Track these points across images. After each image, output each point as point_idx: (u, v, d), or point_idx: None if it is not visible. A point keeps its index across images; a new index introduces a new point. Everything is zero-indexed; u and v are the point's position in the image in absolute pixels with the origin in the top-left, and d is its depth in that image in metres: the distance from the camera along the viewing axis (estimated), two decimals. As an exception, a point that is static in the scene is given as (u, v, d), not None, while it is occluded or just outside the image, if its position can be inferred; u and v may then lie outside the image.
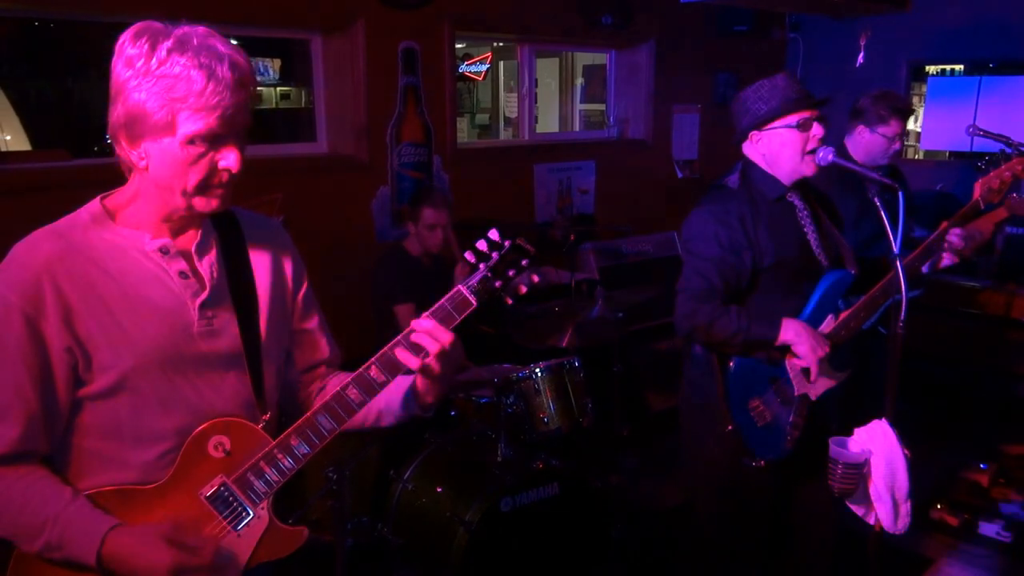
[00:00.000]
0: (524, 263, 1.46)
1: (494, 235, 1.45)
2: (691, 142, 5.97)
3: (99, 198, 1.40)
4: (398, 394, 1.57)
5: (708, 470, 2.52)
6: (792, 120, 2.30)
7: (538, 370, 3.21)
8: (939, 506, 3.70)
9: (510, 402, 3.09)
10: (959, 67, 5.98)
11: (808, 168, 2.33)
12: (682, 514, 3.70)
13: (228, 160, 1.32)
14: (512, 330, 3.62)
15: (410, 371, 1.47)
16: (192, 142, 1.28)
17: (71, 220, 1.37)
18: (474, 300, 1.45)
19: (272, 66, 5.16)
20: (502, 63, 7.18)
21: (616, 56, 5.71)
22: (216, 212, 1.39)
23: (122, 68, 1.27)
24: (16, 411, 1.30)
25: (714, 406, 2.33)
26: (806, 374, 2.36)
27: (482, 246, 1.45)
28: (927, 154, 6.39)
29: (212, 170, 1.32)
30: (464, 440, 3.19)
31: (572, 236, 4.03)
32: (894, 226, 2.03)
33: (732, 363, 2.32)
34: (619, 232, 5.12)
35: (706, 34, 5.78)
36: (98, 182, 1.48)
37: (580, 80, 6.83)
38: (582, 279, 4.44)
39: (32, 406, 1.31)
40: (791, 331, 2.28)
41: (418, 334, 1.43)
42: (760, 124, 2.34)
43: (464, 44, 6.47)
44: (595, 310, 3.54)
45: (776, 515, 2.60)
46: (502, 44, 6.29)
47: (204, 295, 1.41)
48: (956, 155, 6.08)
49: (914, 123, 6.12)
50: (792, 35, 6.27)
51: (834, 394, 2.46)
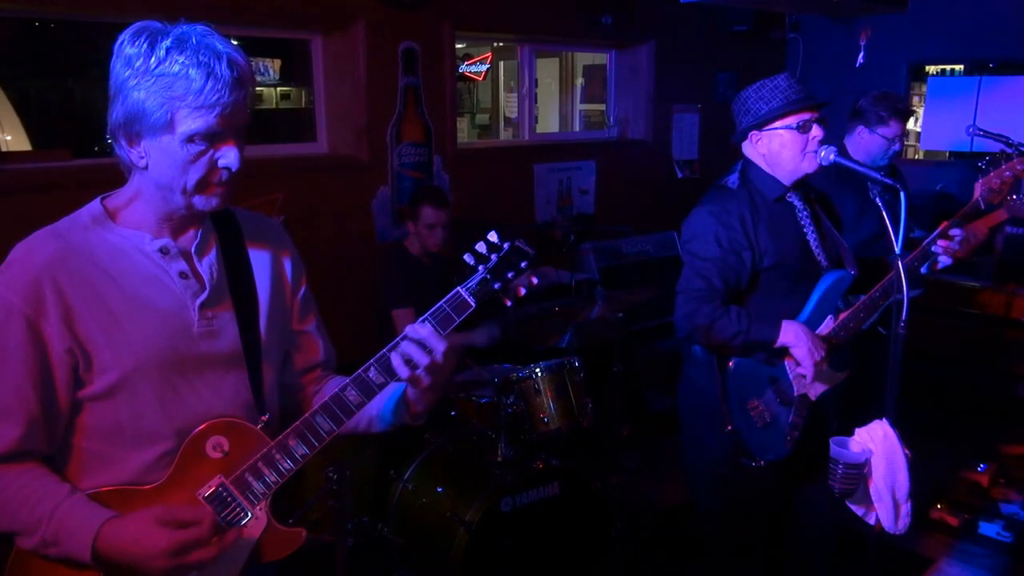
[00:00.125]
0: (523, 265, 1.46)
1: (493, 237, 1.45)
2: (691, 142, 5.97)
3: (99, 198, 1.40)
4: (390, 402, 1.56)
5: (708, 470, 2.52)
6: (792, 121, 2.29)
7: (538, 370, 3.21)
8: (939, 506, 3.69)
9: (510, 402, 3.09)
10: (959, 67, 5.97)
11: (810, 164, 2.32)
12: (682, 514, 3.70)
13: (228, 158, 1.32)
14: (512, 330, 3.63)
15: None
16: (191, 140, 1.29)
17: (71, 221, 1.38)
18: (472, 302, 1.44)
19: (272, 66, 5.15)
20: (502, 63, 7.17)
21: (616, 56, 5.71)
22: (216, 211, 1.39)
23: (121, 68, 1.28)
24: (17, 411, 1.30)
25: (714, 406, 2.33)
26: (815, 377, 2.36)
27: (481, 248, 1.45)
28: (927, 154, 6.39)
29: (212, 168, 1.32)
30: (464, 440, 3.19)
31: (572, 236, 4.04)
32: (895, 226, 2.03)
33: (731, 364, 2.32)
34: (619, 232, 5.12)
35: (706, 34, 5.78)
36: (99, 182, 1.48)
37: (580, 80, 6.83)
38: (582, 279, 4.44)
39: (33, 406, 1.31)
40: (790, 333, 2.29)
41: (409, 343, 1.41)
42: (760, 124, 2.34)
43: (464, 44, 6.46)
44: (595, 310, 3.54)
45: (776, 515, 2.60)
46: (502, 44, 6.28)
47: (204, 295, 1.41)
48: (956, 155, 6.08)
49: (914, 123, 6.12)
50: (792, 35, 6.26)
51: (834, 394, 2.47)
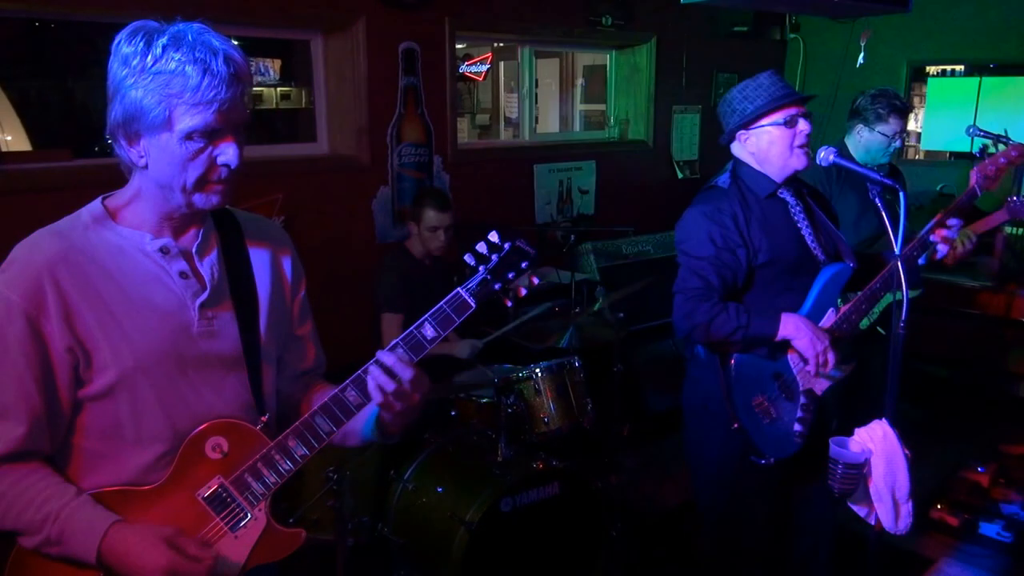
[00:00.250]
0: (523, 265, 1.46)
1: (494, 237, 1.45)
2: (691, 142, 5.97)
3: (100, 198, 1.40)
4: (370, 418, 1.54)
5: (712, 470, 2.51)
6: (779, 117, 2.31)
7: (538, 370, 3.21)
8: (939, 506, 3.69)
9: (510, 402, 3.08)
10: (959, 67, 5.97)
11: (799, 161, 2.34)
12: (682, 514, 3.70)
13: (227, 155, 1.32)
14: (512, 330, 3.62)
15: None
16: (190, 137, 1.29)
17: (72, 220, 1.38)
18: (473, 303, 1.44)
19: (272, 66, 5.14)
20: (502, 63, 7.17)
21: (616, 56, 5.71)
22: (216, 209, 1.39)
23: (118, 67, 1.28)
24: (21, 410, 1.30)
25: (718, 406, 2.33)
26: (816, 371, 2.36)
27: (482, 248, 1.44)
28: (927, 154, 6.39)
29: (211, 166, 1.32)
30: (464, 440, 3.19)
31: (572, 236, 4.03)
32: (895, 226, 2.03)
33: (733, 361, 2.31)
34: (619, 232, 5.12)
35: (706, 34, 5.78)
36: (99, 182, 1.49)
37: (580, 80, 6.83)
38: (582, 279, 4.44)
39: (36, 405, 1.31)
40: (790, 325, 2.28)
41: (376, 370, 1.40)
42: (747, 123, 2.35)
43: (464, 44, 6.46)
44: (595, 310, 3.54)
45: (777, 515, 2.60)
46: (502, 44, 6.28)
47: (204, 295, 1.41)
48: (956, 155, 6.08)
49: (915, 123, 6.12)
50: (792, 35, 6.26)
51: (835, 393, 2.46)
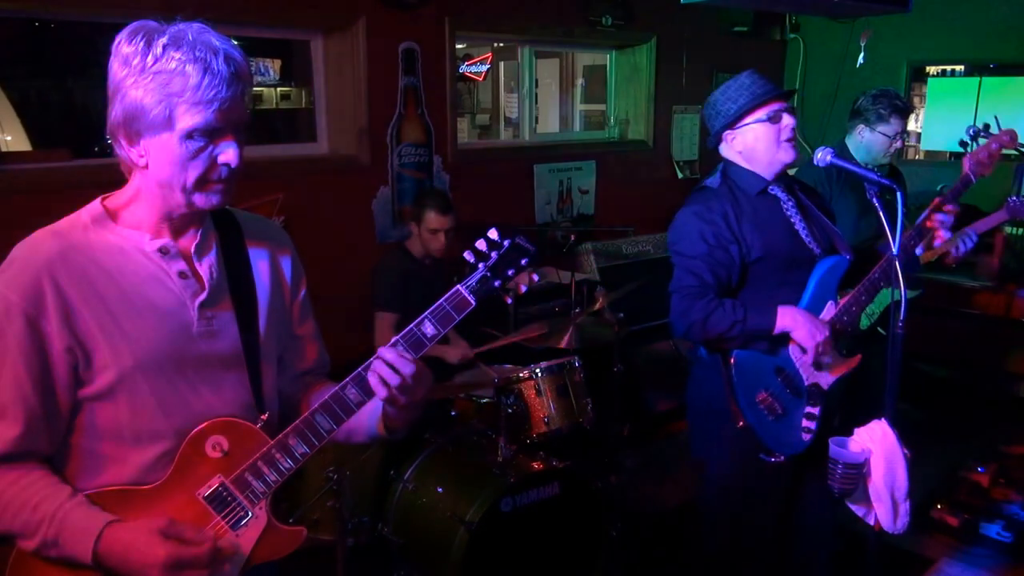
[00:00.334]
0: (524, 262, 1.45)
1: (493, 234, 1.45)
2: (691, 142, 5.97)
3: (100, 199, 1.40)
4: (374, 415, 1.54)
5: (720, 471, 2.50)
6: (762, 114, 2.34)
7: (538, 370, 3.21)
8: (939, 506, 3.69)
9: (510, 402, 3.09)
10: (959, 67, 5.97)
11: (787, 155, 2.36)
12: (682, 514, 3.70)
13: (227, 154, 1.32)
14: (512, 330, 3.63)
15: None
16: (191, 137, 1.29)
17: (71, 221, 1.38)
18: (473, 300, 1.44)
19: (272, 66, 5.15)
20: (502, 63, 7.17)
21: (616, 56, 5.71)
22: (216, 209, 1.39)
23: (118, 67, 1.28)
24: (17, 410, 1.30)
25: (722, 405, 2.33)
26: (815, 363, 2.36)
27: (481, 246, 1.44)
28: (927, 155, 6.39)
29: (211, 165, 1.33)
30: (464, 440, 3.19)
31: (572, 236, 4.04)
32: (893, 226, 2.03)
33: (733, 357, 2.31)
34: (619, 232, 5.12)
35: (706, 34, 5.78)
36: (99, 183, 1.49)
37: (580, 80, 6.83)
38: (582, 279, 4.44)
39: (33, 406, 1.31)
40: (787, 317, 2.28)
41: (379, 364, 1.40)
42: (732, 123, 2.38)
43: (464, 44, 6.46)
44: (595, 310, 3.54)
45: (781, 515, 2.59)
46: (502, 44, 6.28)
47: (203, 295, 1.41)
48: (956, 155, 6.08)
49: (915, 123, 6.11)
50: (792, 35, 6.26)
51: (840, 389, 2.45)
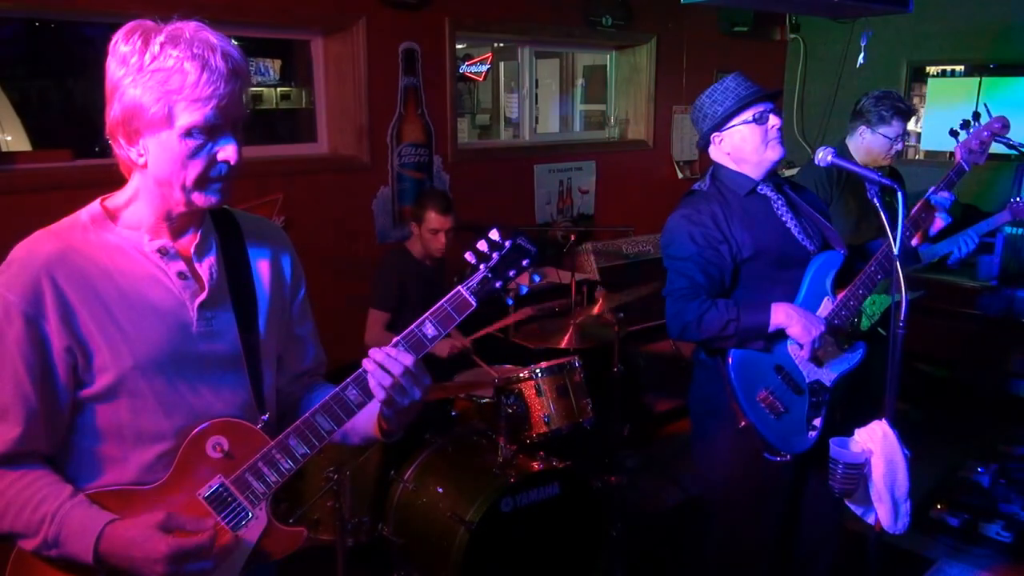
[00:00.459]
0: (525, 263, 1.45)
1: (495, 235, 1.44)
2: (691, 143, 5.97)
3: (99, 199, 1.40)
4: (370, 417, 1.54)
5: (724, 472, 2.50)
6: (748, 115, 2.36)
7: (538, 370, 3.21)
8: (939, 506, 3.69)
9: (510, 402, 3.09)
10: (959, 67, 5.97)
11: (775, 153, 2.38)
12: (682, 514, 3.70)
13: (226, 152, 1.32)
14: (512, 330, 3.63)
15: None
16: (190, 134, 1.29)
17: (71, 221, 1.38)
18: (474, 301, 1.44)
19: (272, 66, 5.13)
20: (502, 63, 7.15)
21: (616, 56, 5.71)
22: (216, 207, 1.39)
23: (116, 67, 1.28)
24: (17, 411, 1.30)
25: (723, 405, 2.33)
26: (814, 359, 2.36)
27: (482, 246, 1.44)
28: (927, 155, 6.39)
29: (211, 162, 1.33)
30: (464, 440, 3.19)
31: (572, 236, 4.03)
32: (894, 227, 2.03)
33: (730, 357, 2.31)
34: (619, 232, 5.12)
35: (706, 34, 5.78)
36: (99, 183, 1.49)
37: (580, 80, 6.82)
38: (582, 279, 4.44)
39: (33, 406, 1.31)
40: (781, 314, 2.29)
41: (370, 365, 1.40)
42: (719, 125, 2.40)
43: (464, 44, 6.45)
44: (595, 310, 3.54)
45: (784, 515, 2.59)
46: (502, 44, 6.28)
47: (203, 296, 1.41)
48: (956, 155, 6.07)
49: (915, 124, 6.11)
50: (792, 35, 6.26)
51: (844, 386, 2.44)
